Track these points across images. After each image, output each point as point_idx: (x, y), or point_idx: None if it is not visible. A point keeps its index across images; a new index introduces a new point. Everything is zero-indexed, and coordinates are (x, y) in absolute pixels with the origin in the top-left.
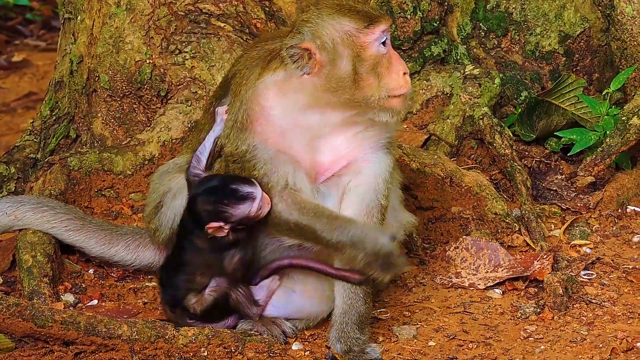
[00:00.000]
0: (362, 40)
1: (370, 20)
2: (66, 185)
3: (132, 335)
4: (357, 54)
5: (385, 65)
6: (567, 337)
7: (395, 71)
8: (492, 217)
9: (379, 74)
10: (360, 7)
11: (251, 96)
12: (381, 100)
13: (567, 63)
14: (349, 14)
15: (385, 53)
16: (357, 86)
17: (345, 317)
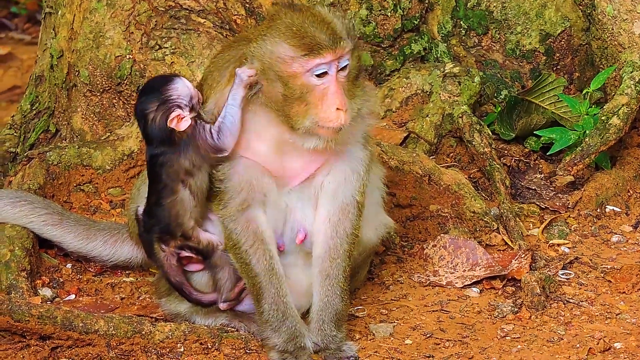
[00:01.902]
0: (294, 68)
1: (308, 50)
2: (45, 179)
3: (108, 330)
4: (286, 80)
5: (319, 96)
6: (544, 337)
7: (328, 104)
8: (470, 216)
9: (308, 103)
10: (309, 34)
11: (218, 102)
12: (308, 128)
13: (548, 62)
14: (292, 39)
15: (319, 85)
16: (287, 109)
17: (322, 314)
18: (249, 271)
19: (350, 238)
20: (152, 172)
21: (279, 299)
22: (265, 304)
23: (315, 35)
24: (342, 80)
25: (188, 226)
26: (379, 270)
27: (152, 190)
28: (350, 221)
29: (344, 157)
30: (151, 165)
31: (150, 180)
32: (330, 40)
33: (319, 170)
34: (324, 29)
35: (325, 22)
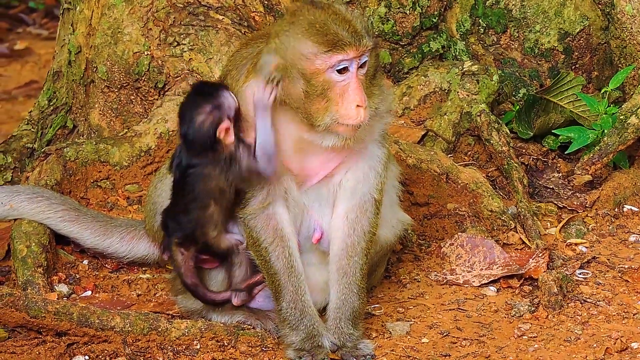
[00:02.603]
0: (316, 64)
1: (331, 46)
2: (62, 175)
3: (125, 327)
4: (308, 77)
5: (339, 92)
6: (561, 336)
7: (349, 101)
8: (487, 215)
9: (329, 99)
10: (332, 31)
11: (238, 100)
12: (328, 125)
13: (566, 61)
14: (315, 36)
15: (340, 81)
16: (308, 106)
17: (339, 312)
18: (268, 268)
19: (367, 236)
20: (183, 182)
21: (298, 297)
22: (283, 301)
23: (338, 32)
24: (361, 77)
25: (212, 236)
26: (396, 268)
27: (179, 198)
28: (368, 219)
29: (362, 155)
30: (184, 174)
31: (179, 187)
32: (352, 37)
33: (338, 169)
34: (346, 26)
35: (346, 20)
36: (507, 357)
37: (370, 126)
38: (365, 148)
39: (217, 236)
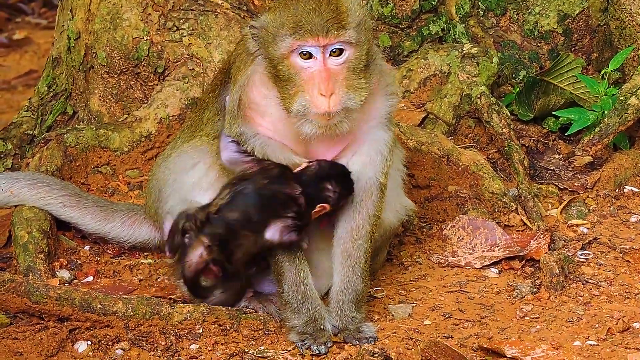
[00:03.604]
0: (280, 47)
1: (293, 31)
2: (62, 161)
3: (127, 311)
4: (275, 60)
5: (307, 79)
6: (563, 317)
7: (313, 89)
8: (489, 196)
9: (297, 86)
10: (299, 15)
11: (245, 84)
12: (299, 112)
13: (566, 42)
14: (283, 17)
15: (305, 67)
16: (279, 91)
17: (342, 294)
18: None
19: (372, 219)
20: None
21: (300, 280)
22: (285, 284)
23: (303, 18)
24: (335, 67)
25: (238, 257)
26: (397, 251)
27: (243, 205)
28: (373, 202)
29: (369, 138)
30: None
31: (251, 197)
32: (317, 25)
33: (344, 152)
34: (320, 12)
35: (327, 6)
36: (509, 338)
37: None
38: (372, 132)
39: (240, 260)
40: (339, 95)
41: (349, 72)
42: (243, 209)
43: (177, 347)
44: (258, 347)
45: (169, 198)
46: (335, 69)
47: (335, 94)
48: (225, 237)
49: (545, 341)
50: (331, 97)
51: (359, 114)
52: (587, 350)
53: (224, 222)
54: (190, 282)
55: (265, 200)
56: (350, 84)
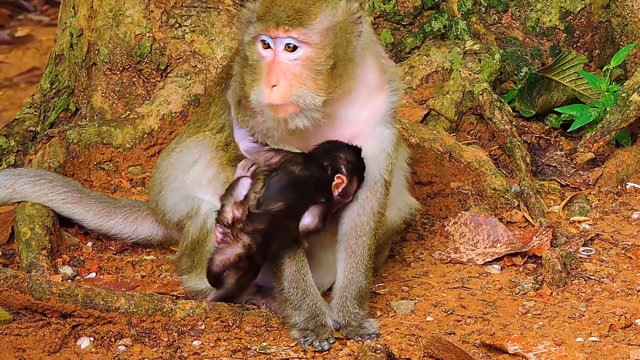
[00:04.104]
0: (250, 32)
1: (261, 17)
2: (65, 158)
3: (129, 308)
4: (247, 43)
5: (265, 70)
6: (565, 313)
7: (265, 80)
8: (491, 193)
9: (257, 74)
10: (268, 4)
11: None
12: (255, 102)
13: (568, 39)
14: (260, 6)
15: (264, 57)
16: (243, 77)
17: (345, 291)
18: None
19: (376, 216)
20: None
21: (300, 276)
22: (285, 281)
23: (270, 6)
24: (288, 62)
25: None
26: (400, 247)
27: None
28: (377, 200)
29: (372, 135)
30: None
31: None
32: (275, 16)
33: None
34: (283, 5)
35: (294, 1)
36: (511, 334)
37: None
38: (375, 128)
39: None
40: (283, 89)
41: (305, 70)
42: (284, 197)
43: (179, 343)
44: (261, 344)
45: (170, 195)
46: (288, 64)
47: (279, 87)
48: (268, 231)
49: (547, 337)
50: (273, 89)
51: (359, 111)
52: (590, 347)
53: (267, 216)
54: (214, 275)
55: (303, 187)
56: (305, 83)
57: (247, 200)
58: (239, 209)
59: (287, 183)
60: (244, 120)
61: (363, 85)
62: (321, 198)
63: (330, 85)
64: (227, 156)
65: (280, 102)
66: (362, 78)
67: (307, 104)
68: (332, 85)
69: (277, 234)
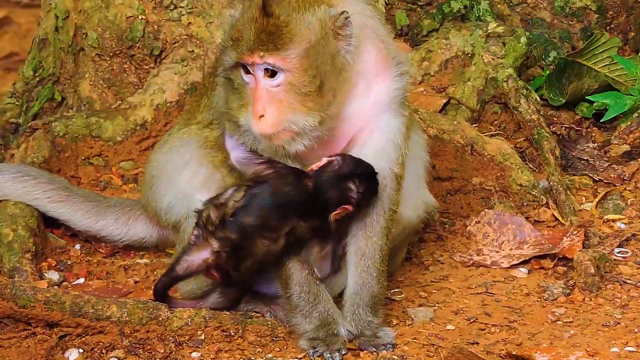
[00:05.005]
0: (230, 56)
1: (236, 40)
2: (50, 152)
3: (122, 316)
4: (229, 66)
5: (250, 96)
6: (599, 321)
7: (252, 109)
8: (517, 189)
9: (243, 99)
10: (243, 26)
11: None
12: (245, 126)
13: (600, 20)
14: (237, 24)
15: (247, 82)
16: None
17: (357, 297)
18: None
19: (387, 214)
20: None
21: (311, 279)
22: (294, 285)
23: (243, 26)
24: (271, 88)
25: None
26: (417, 249)
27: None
28: (388, 195)
29: (377, 127)
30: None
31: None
32: (248, 39)
33: (352, 144)
34: (254, 26)
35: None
36: (540, 344)
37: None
38: (380, 118)
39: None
40: (272, 118)
41: (289, 94)
42: (260, 215)
43: (176, 355)
44: (265, 355)
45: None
46: (271, 91)
47: (267, 116)
48: (238, 243)
49: (579, 347)
50: (262, 120)
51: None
52: (626, 357)
53: (239, 227)
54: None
55: (285, 208)
56: (293, 107)
57: (225, 205)
58: (215, 212)
59: (268, 201)
60: (232, 130)
61: (361, 76)
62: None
63: (322, 104)
64: (221, 157)
65: (272, 131)
66: (360, 69)
67: (302, 127)
68: (326, 101)
69: (249, 249)
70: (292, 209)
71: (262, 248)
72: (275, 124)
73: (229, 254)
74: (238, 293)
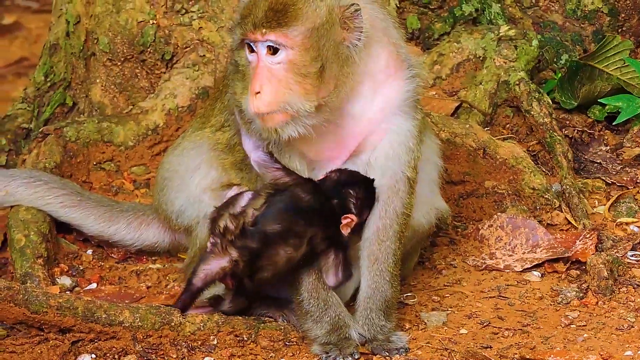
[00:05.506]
0: (236, 35)
1: (242, 19)
2: (62, 157)
3: (134, 321)
4: (236, 48)
5: (251, 76)
6: (612, 324)
7: (251, 86)
8: (529, 193)
9: (245, 81)
10: (251, 6)
11: None
12: (247, 112)
13: (612, 23)
14: (243, 6)
15: (251, 61)
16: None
17: (370, 301)
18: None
19: (400, 218)
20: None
21: (320, 285)
22: (304, 292)
23: (251, 7)
24: (272, 66)
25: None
26: (430, 253)
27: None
28: (401, 199)
29: (388, 130)
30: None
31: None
32: (253, 17)
33: (363, 147)
34: (260, 4)
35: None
36: (554, 348)
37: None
38: (391, 121)
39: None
40: (268, 95)
41: (289, 73)
42: (283, 220)
43: (189, 359)
44: None
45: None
46: (272, 68)
47: (263, 93)
48: (258, 251)
49: (593, 351)
50: (257, 96)
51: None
52: None
53: (261, 235)
54: (193, 295)
55: (306, 216)
56: (291, 88)
57: (243, 214)
58: (234, 221)
59: (290, 207)
60: (250, 129)
61: (368, 76)
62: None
63: (321, 89)
64: (231, 159)
65: (266, 110)
66: (367, 69)
67: (297, 110)
68: (325, 88)
69: (267, 257)
70: (314, 216)
71: (284, 256)
72: (271, 102)
73: (247, 263)
74: (248, 302)
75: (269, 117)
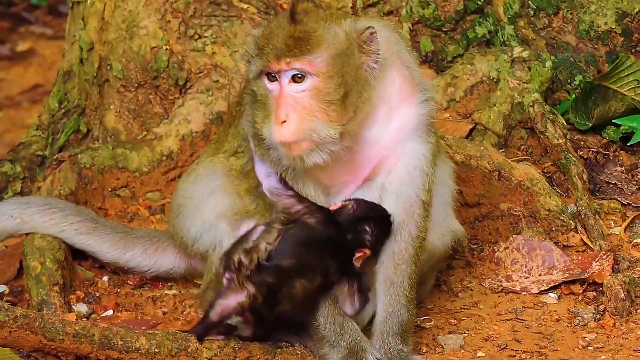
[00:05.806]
0: (255, 65)
1: (262, 49)
2: (77, 184)
3: (151, 348)
4: (253, 78)
5: (273, 105)
6: (630, 346)
7: (274, 116)
8: (545, 214)
9: (266, 110)
10: (266, 37)
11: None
12: (269, 139)
13: (626, 43)
14: (257, 37)
15: (271, 90)
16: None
17: (386, 325)
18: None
19: (416, 241)
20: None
21: (336, 310)
22: (320, 317)
23: (269, 36)
24: (296, 94)
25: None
26: (446, 276)
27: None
28: (416, 222)
29: (402, 153)
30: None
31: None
32: (275, 46)
33: (377, 171)
34: (281, 34)
35: (292, 27)
36: None
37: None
38: (405, 145)
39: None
40: (294, 123)
41: (314, 101)
42: (297, 254)
43: None
44: None
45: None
46: (296, 96)
47: (289, 122)
48: (276, 286)
49: None
50: (284, 125)
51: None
52: None
53: (277, 270)
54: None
55: (320, 247)
56: (316, 115)
57: (256, 249)
58: (247, 256)
59: (303, 239)
60: (263, 154)
61: (383, 101)
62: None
63: (344, 116)
64: (245, 185)
65: (294, 139)
66: (382, 93)
67: (322, 137)
68: (347, 115)
69: (286, 290)
70: (327, 249)
71: (300, 289)
72: (297, 130)
73: (266, 297)
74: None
75: (296, 145)
